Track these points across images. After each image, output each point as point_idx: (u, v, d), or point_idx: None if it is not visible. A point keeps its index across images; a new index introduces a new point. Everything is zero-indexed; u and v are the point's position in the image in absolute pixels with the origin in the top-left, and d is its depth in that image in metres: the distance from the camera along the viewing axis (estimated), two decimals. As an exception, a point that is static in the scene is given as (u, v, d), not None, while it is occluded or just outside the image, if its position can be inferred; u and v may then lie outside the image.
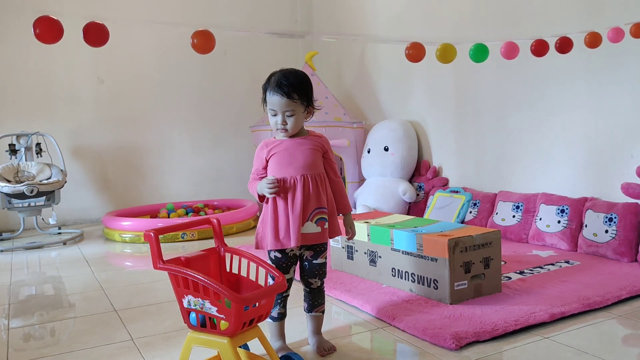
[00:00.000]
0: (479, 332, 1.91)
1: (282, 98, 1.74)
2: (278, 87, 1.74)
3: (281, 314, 1.86)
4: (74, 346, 2.02)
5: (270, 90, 1.77)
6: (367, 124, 4.89)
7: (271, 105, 1.77)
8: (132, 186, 5.23)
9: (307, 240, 1.78)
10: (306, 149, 1.79)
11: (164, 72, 5.28)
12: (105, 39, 2.12)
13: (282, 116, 1.76)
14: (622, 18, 2.83)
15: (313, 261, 1.85)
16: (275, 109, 1.76)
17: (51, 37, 1.97)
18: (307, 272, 1.86)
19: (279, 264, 1.80)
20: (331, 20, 5.60)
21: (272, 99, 1.76)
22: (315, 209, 1.77)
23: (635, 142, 2.99)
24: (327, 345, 1.89)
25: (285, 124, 1.76)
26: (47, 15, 1.95)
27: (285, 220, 1.75)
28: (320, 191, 1.79)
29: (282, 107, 1.75)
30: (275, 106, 1.76)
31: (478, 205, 3.71)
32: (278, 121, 1.77)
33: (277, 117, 1.77)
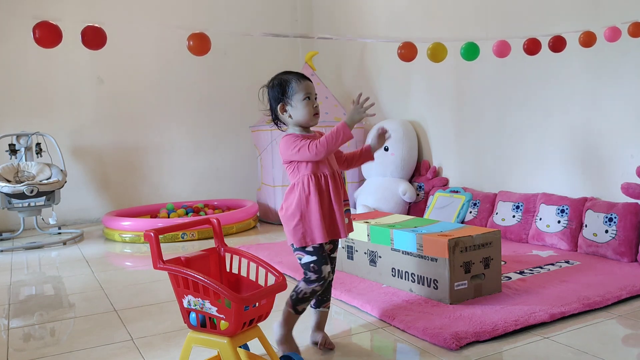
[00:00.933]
0: (479, 332, 1.91)
1: (311, 83, 1.81)
2: (304, 77, 1.81)
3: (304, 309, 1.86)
4: (74, 346, 2.02)
5: (295, 80, 1.80)
6: (367, 124, 4.89)
7: (307, 89, 1.79)
8: (132, 186, 5.23)
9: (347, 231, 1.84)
10: None
11: (164, 72, 5.28)
12: (103, 42, 2.14)
13: (315, 99, 1.81)
14: (620, 17, 2.83)
15: (331, 255, 1.90)
16: (311, 91, 1.80)
17: (50, 41, 1.98)
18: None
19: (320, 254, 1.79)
20: (331, 20, 5.61)
21: (304, 83, 1.80)
22: (344, 201, 1.86)
23: (635, 142, 2.99)
24: (330, 343, 1.91)
25: (317, 109, 1.82)
26: (46, 21, 1.96)
27: (332, 213, 1.79)
28: (342, 186, 1.86)
29: (314, 90, 1.81)
30: (311, 89, 1.80)
31: (478, 205, 3.71)
32: (315, 104, 1.81)
33: (313, 101, 1.80)
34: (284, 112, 1.82)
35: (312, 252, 1.79)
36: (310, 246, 1.79)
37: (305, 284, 1.81)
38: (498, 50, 2.93)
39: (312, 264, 1.79)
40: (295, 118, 1.81)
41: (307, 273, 1.80)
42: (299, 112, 1.79)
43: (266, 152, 4.65)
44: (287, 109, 1.81)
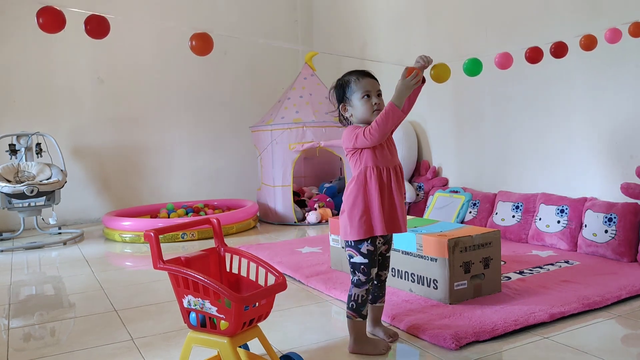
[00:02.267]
0: (478, 332, 1.91)
1: (371, 79, 1.85)
2: (365, 74, 1.85)
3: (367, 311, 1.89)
4: (74, 346, 2.02)
5: (356, 78, 1.85)
6: (367, 124, 4.89)
7: (365, 87, 1.83)
8: (132, 186, 5.23)
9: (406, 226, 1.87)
10: (392, 141, 1.89)
11: (164, 72, 5.28)
12: (106, 31, 2.13)
13: (377, 97, 1.83)
14: (620, 18, 2.83)
15: (386, 254, 1.93)
16: (369, 89, 1.83)
17: (54, 26, 1.99)
18: (380, 266, 1.91)
19: (372, 258, 1.82)
20: (331, 21, 5.61)
21: (363, 81, 1.84)
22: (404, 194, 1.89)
23: (635, 142, 2.99)
24: (392, 331, 1.97)
25: (378, 105, 1.83)
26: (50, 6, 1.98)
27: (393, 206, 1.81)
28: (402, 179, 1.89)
29: (375, 87, 1.84)
30: (369, 86, 1.83)
31: (478, 205, 3.71)
32: (374, 101, 1.82)
33: (372, 99, 1.83)
34: (346, 112, 1.89)
35: (365, 254, 1.81)
36: (365, 246, 1.80)
37: (357, 287, 1.83)
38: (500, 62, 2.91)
39: (363, 265, 1.82)
40: (357, 116, 1.86)
41: (356, 273, 1.83)
42: (358, 110, 1.84)
43: (266, 152, 4.65)
44: (347, 109, 1.87)
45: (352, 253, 1.83)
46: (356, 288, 1.83)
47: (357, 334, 1.85)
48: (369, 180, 1.80)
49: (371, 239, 1.81)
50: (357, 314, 1.84)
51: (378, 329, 1.98)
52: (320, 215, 4.52)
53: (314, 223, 4.51)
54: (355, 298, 1.84)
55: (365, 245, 1.81)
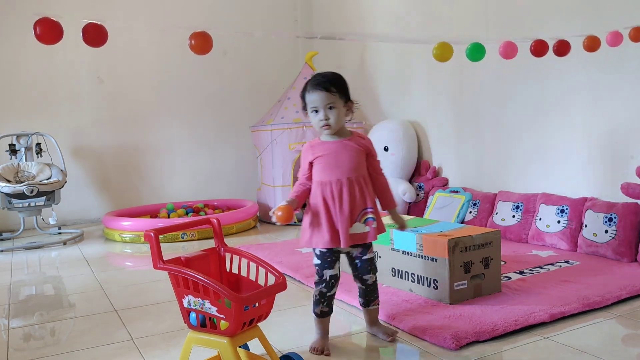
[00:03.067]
0: (478, 332, 1.91)
1: (321, 92, 1.78)
2: (316, 84, 1.80)
3: (324, 312, 1.90)
4: (74, 346, 2.02)
5: (308, 90, 1.82)
6: (367, 124, 4.89)
7: (312, 103, 1.81)
8: (132, 186, 5.23)
9: (357, 240, 1.83)
10: (351, 151, 1.84)
11: (164, 72, 5.28)
12: (104, 40, 2.13)
13: (324, 111, 1.79)
14: (621, 22, 2.83)
15: (363, 257, 1.90)
16: (316, 105, 1.80)
17: (51, 38, 1.98)
18: (360, 270, 1.91)
19: (324, 259, 1.86)
20: (331, 21, 5.61)
21: (311, 96, 1.81)
22: (363, 210, 1.83)
23: (635, 142, 2.99)
24: (390, 330, 1.98)
25: (327, 119, 1.80)
26: (47, 17, 1.96)
27: (335, 221, 1.80)
28: (367, 192, 1.84)
29: (322, 101, 1.78)
30: (316, 102, 1.79)
31: (478, 205, 3.71)
32: (321, 117, 1.80)
33: (319, 114, 1.80)
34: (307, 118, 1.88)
35: (318, 256, 1.87)
36: (318, 249, 1.85)
37: (314, 286, 1.90)
38: (505, 51, 2.91)
39: (317, 267, 1.88)
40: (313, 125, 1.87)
41: (315, 274, 1.89)
42: (312, 122, 1.86)
43: (266, 152, 4.65)
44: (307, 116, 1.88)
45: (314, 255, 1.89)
46: (314, 286, 1.90)
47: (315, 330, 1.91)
48: (314, 195, 1.84)
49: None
50: (313, 310, 1.91)
51: (376, 328, 1.99)
52: (320, 215, 4.51)
53: (314, 223, 4.50)
54: (313, 295, 1.91)
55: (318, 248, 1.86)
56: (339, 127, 1.85)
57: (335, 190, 1.80)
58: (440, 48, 2.35)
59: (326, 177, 1.82)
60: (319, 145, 1.87)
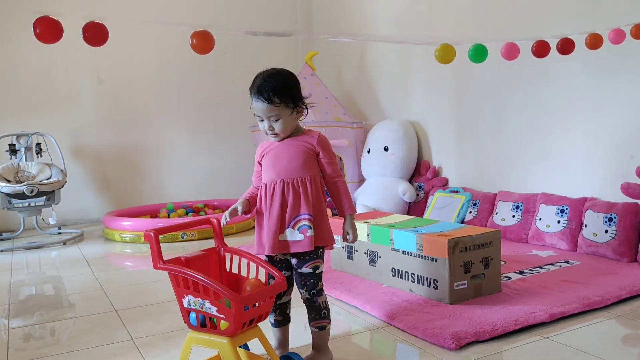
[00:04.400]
0: (478, 332, 1.91)
1: (263, 104, 1.67)
2: (259, 94, 1.67)
3: (278, 321, 1.81)
4: (74, 346, 2.02)
5: (253, 97, 1.70)
6: (367, 124, 4.89)
7: (256, 112, 1.71)
8: (132, 186, 5.23)
9: (289, 248, 1.69)
10: (292, 152, 1.72)
11: (164, 72, 5.28)
12: (105, 39, 2.12)
13: (268, 122, 1.70)
14: (623, 19, 2.83)
15: (297, 270, 1.74)
16: (259, 115, 1.70)
17: (51, 37, 1.97)
18: (296, 281, 1.78)
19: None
20: (331, 21, 5.61)
21: (255, 105, 1.70)
22: (297, 216, 1.68)
23: (635, 142, 2.99)
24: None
25: (272, 129, 1.70)
26: (47, 16, 1.95)
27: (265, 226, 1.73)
28: (303, 196, 1.69)
29: (265, 113, 1.68)
30: (259, 112, 1.69)
31: (478, 205, 3.71)
32: (265, 127, 1.71)
33: (264, 123, 1.71)
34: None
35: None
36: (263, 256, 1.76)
37: None
38: (507, 52, 2.90)
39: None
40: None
41: None
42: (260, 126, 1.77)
43: (266, 152, 4.65)
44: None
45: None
46: None
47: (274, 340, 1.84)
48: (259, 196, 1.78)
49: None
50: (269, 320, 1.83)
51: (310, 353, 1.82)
52: (320, 215, 4.51)
53: (314, 223, 4.50)
54: None
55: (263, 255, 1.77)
56: (288, 134, 1.73)
57: (269, 193, 1.71)
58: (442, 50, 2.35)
59: (265, 178, 1.75)
60: (267, 145, 1.79)
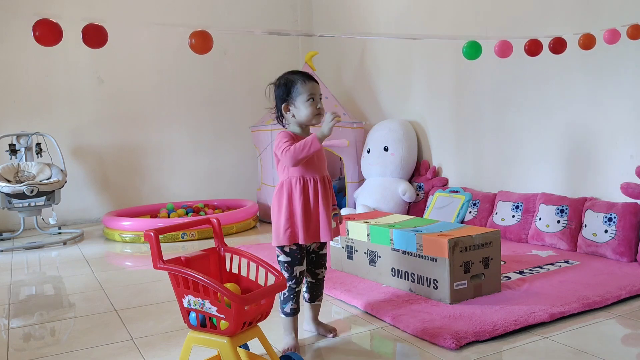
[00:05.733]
0: (478, 332, 1.91)
1: (315, 83, 1.85)
2: (308, 76, 1.85)
3: (294, 309, 1.92)
4: (74, 346, 2.03)
5: (301, 80, 1.84)
6: (367, 124, 4.89)
7: (311, 90, 1.83)
8: (132, 186, 5.23)
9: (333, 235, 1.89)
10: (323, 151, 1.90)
11: (164, 72, 5.28)
12: (104, 41, 2.12)
13: (319, 101, 1.85)
14: (619, 19, 2.83)
15: (320, 252, 1.96)
16: (314, 92, 1.84)
17: (51, 39, 1.97)
18: (315, 264, 1.96)
19: (294, 256, 1.88)
20: (331, 21, 5.61)
21: (309, 85, 1.84)
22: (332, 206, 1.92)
23: (635, 142, 2.99)
24: (331, 326, 2.03)
25: (321, 110, 1.86)
26: (46, 18, 1.95)
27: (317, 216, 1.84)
28: (330, 189, 1.92)
29: (318, 91, 1.85)
30: (315, 90, 1.84)
31: (477, 205, 3.71)
32: (318, 105, 1.84)
33: (316, 102, 1.84)
34: (288, 112, 1.89)
35: (288, 253, 1.88)
36: (287, 246, 1.87)
37: None
38: (500, 50, 2.92)
39: (286, 264, 1.89)
40: (298, 118, 1.88)
41: (281, 271, 1.88)
42: (302, 112, 1.86)
43: (266, 152, 4.65)
44: (290, 109, 1.88)
45: (278, 253, 1.91)
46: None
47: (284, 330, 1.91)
48: (294, 190, 1.84)
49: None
50: (281, 311, 1.91)
51: (318, 326, 2.03)
52: (320, 215, 4.52)
53: (314, 223, 4.50)
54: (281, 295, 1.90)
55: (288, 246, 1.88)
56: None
57: (320, 187, 1.85)
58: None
59: (306, 173, 1.85)
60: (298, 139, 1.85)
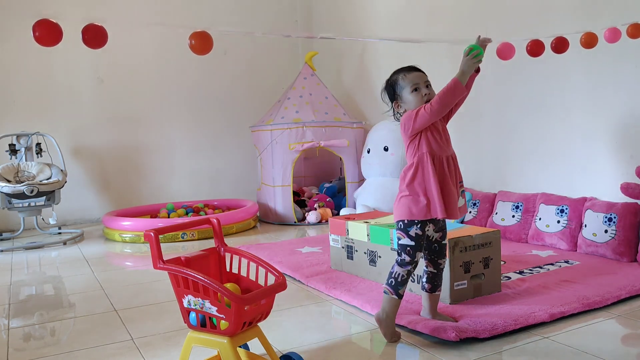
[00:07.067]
0: (478, 332, 1.91)
1: (418, 72, 1.96)
2: (410, 68, 1.97)
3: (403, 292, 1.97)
4: (74, 346, 2.03)
5: (403, 74, 1.96)
6: (367, 124, 4.89)
7: (413, 81, 1.94)
8: (132, 186, 5.23)
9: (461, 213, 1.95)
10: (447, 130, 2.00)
11: (164, 72, 5.28)
12: (104, 41, 2.13)
13: (425, 86, 1.94)
14: (619, 18, 2.83)
15: (442, 242, 2.01)
16: (417, 81, 1.94)
17: (50, 40, 1.97)
18: (437, 254, 2.01)
19: (418, 241, 1.93)
20: (331, 21, 5.61)
21: (410, 76, 1.95)
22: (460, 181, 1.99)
23: (635, 142, 2.99)
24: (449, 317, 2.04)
25: (429, 93, 1.93)
26: (46, 19, 1.95)
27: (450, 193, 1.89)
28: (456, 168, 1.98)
29: (422, 79, 1.95)
30: (417, 79, 1.94)
31: (477, 205, 3.71)
32: (424, 92, 1.93)
33: (421, 90, 1.93)
34: (399, 108, 2.01)
35: (413, 237, 1.92)
36: (413, 230, 1.91)
37: (400, 267, 1.94)
38: (502, 52, 2.92)
39: (409, 247, 1.93)
40: (411, 107, 1.96)
41: (401, 254, 1.94)
42: (411, 104, 1.95)
43: (266, 152, 4.65)
44: (401, 105, 2.00)
45: (400, 235, 1.95)
46: (399, 267, 1.94)
47: (389, 310, 1.95)
48: (427, 166, 1.90)
49: (421, 223, 1.91)
50: (393, 291, 1.94)
51: (436, 317, 2.04)
52: (320, 215, 4.52)
53: (314, 223, 4.51)
54: (395, 276, 1.94)
55: (414, 229, 1.92)
56: None
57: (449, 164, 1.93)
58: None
59: (437, 151, 1.92)
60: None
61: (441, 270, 2.04)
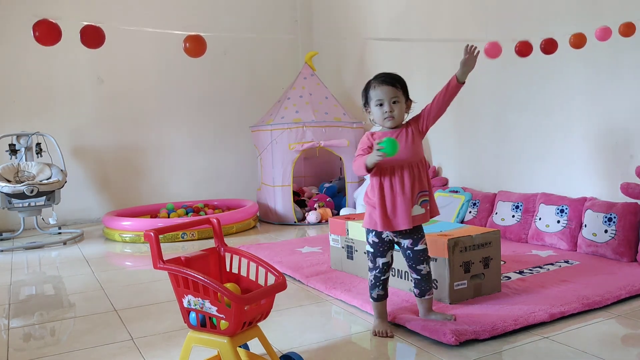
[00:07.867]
0: (478, 332, 1.91)
1: (387, 87, 1.93)
2: (382, 80, 1.95)
3: (380, 295, 2.03)
4: (74, 346, 2.03)
5: (373, 85, 1.96)
6: (367, 124, 4.89)
7: (378, 96, 1.94)
8: (132, 186, 5.23)
9: (415, 222, 1.94)
10: (408, 139, 1.95)
11: (164, 72, 5.28)
12: (102, 41, 2.14)
13: (389, 104, 1.92)
14: (614, 18, 2.83)
15: (414, 248, 2.01)
16: (381, 98, 1.93)
17: (50, 39, 1.98)
18: (413, 260, 2.02)
19: (376, 248, 2.01)
20: (331, 21, 5.61)
21: (376, 90, 1.94)
22: (420, 192, 1.95)
23: (635, 142, 2.99)
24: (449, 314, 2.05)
25: (392, 111, 1.92)
26: (46, 19, 1.96)
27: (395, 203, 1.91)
28: (422, 175, 1.96)
29: (388, 95, 1.92)
30: (382, 95, 1.93)
31: (477, 205, 3.71)
32: (385, 110, 1.93)
33: (383, 107, 1.93)
34: (369, 114, 2.02)
35: (371, 244, 2.02)
36: (370, 237, 2.00)
37: (368, 271, 2.05)
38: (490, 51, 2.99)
39: (370, 253, 2.03)
40: (375, 119, 2.00)
41: (368, 260, 2.04)
42: (375, 115, 1.98)
43: (266, 152, 4.65)
44: (368, 111, 2.02)
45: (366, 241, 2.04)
46: (368, 272, 2.05)
47: (374, 311, 2.05)
48: (375, 180, 1.95)
49: (375, 231, 1.98)
50: (369, 294, 2.05)
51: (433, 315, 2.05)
52: (320, 215, 4.52)
53: (314, 223, 4.51)
54: (368, 280, 2.05)
55: (371, 237, 2.01)
56: (400, 121, 1.97)
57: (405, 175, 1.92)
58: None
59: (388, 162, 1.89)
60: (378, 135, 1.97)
61: (424, 275, 2.02)
